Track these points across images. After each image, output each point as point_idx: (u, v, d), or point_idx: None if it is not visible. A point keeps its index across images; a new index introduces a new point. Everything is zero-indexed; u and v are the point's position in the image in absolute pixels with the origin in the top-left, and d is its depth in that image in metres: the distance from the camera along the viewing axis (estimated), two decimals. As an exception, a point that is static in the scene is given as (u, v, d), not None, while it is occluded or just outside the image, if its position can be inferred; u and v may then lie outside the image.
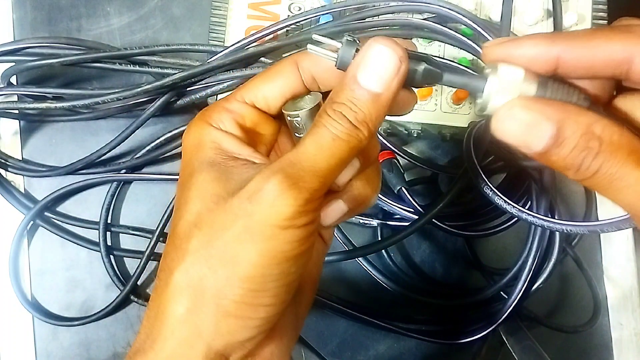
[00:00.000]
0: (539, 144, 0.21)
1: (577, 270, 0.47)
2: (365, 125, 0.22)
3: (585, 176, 0.21)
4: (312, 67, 0.25)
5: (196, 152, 0.24)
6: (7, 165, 0.46)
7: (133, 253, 0.46)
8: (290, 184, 0.21)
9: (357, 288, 0.46)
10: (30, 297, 0.46)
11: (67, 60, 0.42)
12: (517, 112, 0.21)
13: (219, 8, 0.44)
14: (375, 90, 0.22)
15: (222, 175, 0.23)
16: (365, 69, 0.22)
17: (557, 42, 0.21)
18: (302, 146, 0.22)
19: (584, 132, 0.20)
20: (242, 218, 0.21)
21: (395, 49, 0.22)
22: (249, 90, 0.26)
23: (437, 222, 0.42)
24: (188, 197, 0.23)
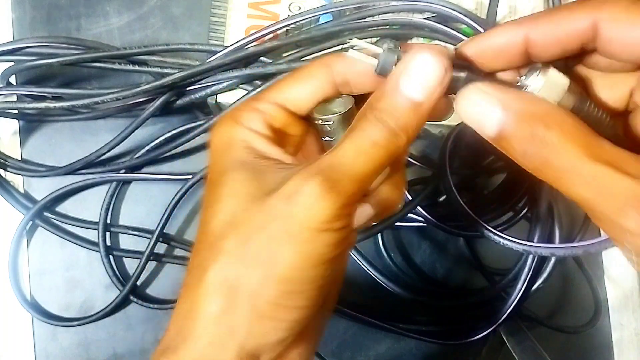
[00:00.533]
0: (491, 128, 0.21)
1: (578, 270, 0.47)
2: (405, 132, 0.22)
3: (534, 165, 0.20)
4: (346, 70, 0.25)
5: (226, 150, 0.24)
6: (6, 165, 0.46)
7: (132, 253, 0.46)
8: (329, 187, 0.21)
9: (357, 288, 0.46)
10: (30, 297, 0.46)
11: (67, 60, 0.41)
12: (471, 94, 0.21)
13: (219, 7, 0.44)
14: (417, 99, 0.22)
15: (256, 175, 0.23)
16: (408, 77, 0.22)
17: (523, 25, 0.22)
18: (340, 150, 0.22)
19: (531, 117, 0.20)
20: (280, 219, 0.21)
21: (441, 60, 0.22)
22: (280, 92, 0.25)
23: (438, 222, 0.42)
24: (220, 196, 0.23)
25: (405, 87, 0.22)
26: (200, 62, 0.41)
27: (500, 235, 0.37)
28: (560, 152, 0.19)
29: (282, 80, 0.26)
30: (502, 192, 0.43)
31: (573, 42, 0.21)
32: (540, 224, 0.40)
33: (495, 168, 0.44)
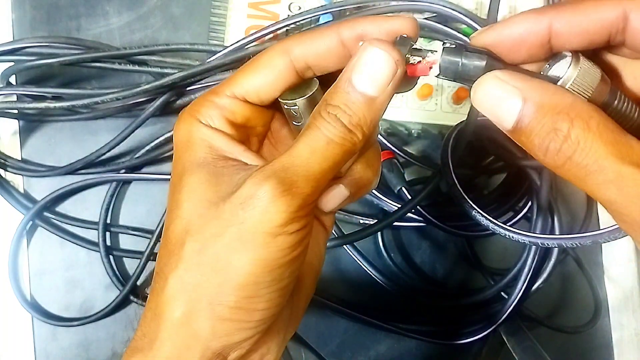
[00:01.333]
0: (508, 120, 0.20)
1: (578, 271, 0.47)
2: (359, 128, 0.21)
3: (555, 163, 0.19)
4: (304, 53, 0.24)
5: (185, 150, 0.24)
6: (7, 165, 0.46)
7: (132, 253, 0.46)
8: (282, 190, 0.20)
9: (358, 288, 0.46)
10: (30, 298, 0.46)
11: (66, 60, 0.42)
12: (489, 84, 0.20)
13: (219, 7, 0.44)
14: (370, 94, 0.21)
15: (213, 178, 0.22)
16: (360, 72, 0.21)
17: (546, 13, 0.20)
18: (295, 150, 0.21)
19: (553, 111, 0.19)
20: (234, 225, 0.21)
21: (391, 53, 0.21)
22: (238, 84, 0.24)
23: (438, 222, 0.42)
24: (179, 200, 0.22)
25: (357, 82, 0.21)
26: (200, 62, 0.41)
27: (507, 228, 0.37)
28: (586, 151, 0.18)
29: (240, 71, 0.25)
30: (502, 192, 0.43)
31: (600, 34, 0.20)
32: (540, 223, 0.40)
33: (495, 168, 0.44)
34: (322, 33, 0.24)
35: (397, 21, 0.23)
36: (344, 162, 0.22)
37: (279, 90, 0.24)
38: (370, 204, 0.44)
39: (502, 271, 0.44)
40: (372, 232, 0.43)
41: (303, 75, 0.24)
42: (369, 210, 0.45)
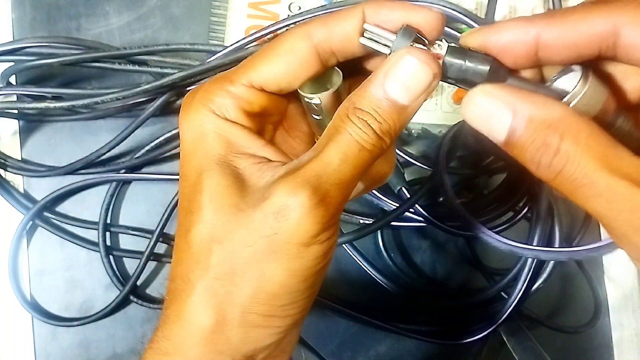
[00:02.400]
0: (499, 133, 0.20)
1: (578, 271, 0.47)
2: (388, 135, 0.21)
3: (547, 176, 0.19)
4: (328, 37, 0.22)
5: (199, 143, 0.22)
6: (7, 165, 0.46)
7: (132, 253, 0.46)
8: (318, 201, 0.20)
9: (357, 288, 0.46)
10: (30, 298, 0.46)
11: (67, 60, 0.41)
12: (478, 98, 0.20)
13: (219, 7, 0.44)
14: (403, 102, 0.21)
15: (237, 180, 0.21)
16: (394, 79, 0.21)
17: (535, 23, 0.20)
18: (326, 156, 0.21)
19: (542, 124, 0.19)
20: (266, 236, 0.20)
21: (430, 65, 0.20)
22: (256, 71, 0.23)
23: (438, 222, 0.41)
24: (201, 203, 0.22)
25: (391, 89, 0.21)
26: (200, 62, 0.41)
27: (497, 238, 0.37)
28: (575, 164, 0.18)
29: (257, 56, 0.23)
30: (502, 192, 0.43)
31: (590, 47, 0.20)
32: (540, 224, 0.40)
33: (495, 168, 0.44)
34: (347, 15, 0.22)
35: (421, 13, 0.21)
36: (369, 167, 0.22)
37: (300, 79, 0.23)
38: (370, 204, 0.44)
39: (502, 271, 0.44)
40: (371, 231, 0.43)
41: (326, 62, 0.23)
42: (369, 210, 0.45)
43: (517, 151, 0.19)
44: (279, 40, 0.23)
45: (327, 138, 0.21)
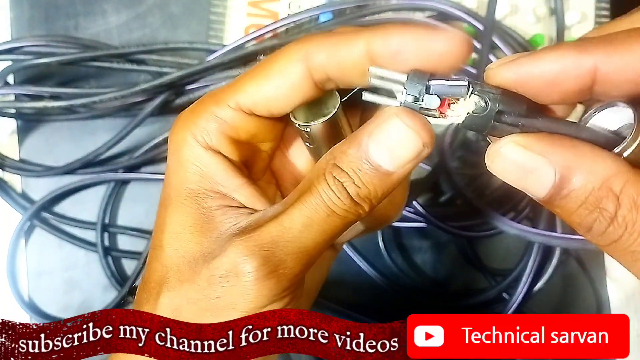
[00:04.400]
0: (539, 191, 0.17)
1: (580, 271, 0.46)
2: (367, 202, 0.19)
3: (599, 242, 0.16)
4: (325, 63, 0.19)
5: (175, 173, 0.21)
6: (4, 165, 0.46)
7: (131, 254, 0.45)
8: (268, 272, 0.18)
9: (358, 289, 0.45)
10: (28, 298, 0.45)
11: (65, 59, 0.41)
12: (511, 152, 0.17)
13: (218, 6, 0.44)
14: (387, 168, 0.18)
15: (199, 223, 0.20)
16: (378, 141, 0.18)
17: (590, 51, 0.16)
18: (288, 219, 0.18)
19: (596, 185, 0.16)
20: (208, 298, 0.19)
21: (420, 133, 0.18)
22: (245, 92, 0.20)
23: (439, 223, 0.41)
24: (161, 240, 0.21)
25: (375, 153, 0.18)
26: (199, 61, 0.41)
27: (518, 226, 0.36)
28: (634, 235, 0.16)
29: (247, 76, 0.21)
30: (503, 193, 0.43)
31: None
32: (542, 224, 0.40)
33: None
34: (349, 40, 0.19)
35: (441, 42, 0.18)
36: (342, 233, 0.19)
37: (293, 104, 0.21)
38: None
39: (504, 272, 0.44)
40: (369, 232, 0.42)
41: (322, 87, 0.20)
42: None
43: (560, 210, 0.17)
44: (272, 59, 0.21)
45: (297, 194, 0.19)
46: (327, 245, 0.19)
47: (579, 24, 0.43)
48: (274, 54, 0.21)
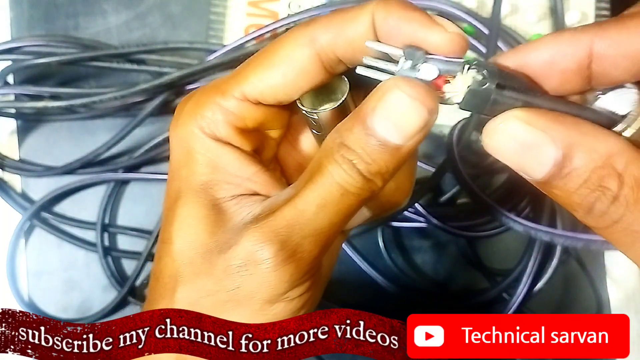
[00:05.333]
0: (538, 170, 0.16)
1: (580, 272, 0.46)
2: (380, 177, 0.18)
3: (598, 224, 0.16)
4: (333, 43, 0.19)
5: (185, 165, 0.20)
6: (4, 165, 0.46)
7: (131, 254, 0.45)
8: (286, 257, 0.18)
9: (357, 289, 0.45)
10: (27, 298, 0.45)
11: (65, 59, 0.41)
12: (513, 127, 0.16)
13: (218, 6, 0.44)
14: (395, 142, 0.17)
15: (211, 214, 0.20)
16: (383, 117, 0.17)
17: (586, 32, 0.16)
18: (301, 200, 0.18)
19: (599, 164, 0.15)
20: (228, 289, 0.19)
21: (424, 102, 0.17)
22: (250, 82, 0.20)
23: (439, 223, 0.41)
24: (170, 234, 0.20)
25: (380, 128, 0.17)
26: (199, 61, 0.41)
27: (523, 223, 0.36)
28: (636, 214, 0.15)
29: (251, 63, 0.20)
30: (504, 193, 0.43)
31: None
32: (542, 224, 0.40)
33: (497, 168, 0.43)
34: (355, 15, 0.19)
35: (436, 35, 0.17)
36: (358, 210, 0.19)
37: (300, 90, 0.20)
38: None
39: (504, 272, 0.44)
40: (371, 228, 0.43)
41: (332, 70, 0.20)
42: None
43: (559, 192, 0.16)
44: (276, 45, 0.20)
45: (308, 175, 0.19)
46: (343, 225, 0.19)
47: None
48: (278, 39, 0.20)
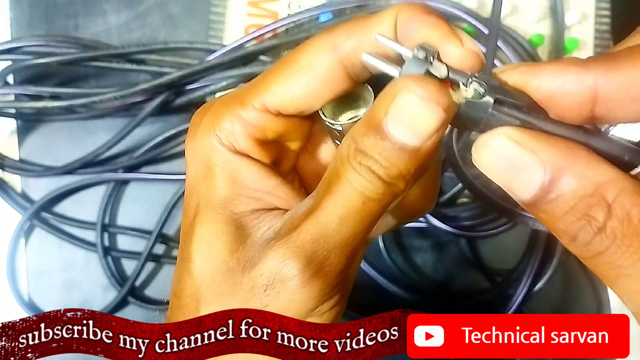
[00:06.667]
0: (525, 192, 0.16)
1: (580, 271, 0.46)
2: (401, 179, 0.17)
3: (582, 254, 0.15)
4: (357, 49, 0.18)
5: (204, 180, 0.20)
6: (4, 165, 0.45)
7: (131, 254, 0.45)
8: (313, 272, 0.17)
9: (357, 289, 0.45)
10: (27, 298, 0.45)
11: (64, 59, 0.41)
12: (501, 145, 0.16)
13: (218, 6, 0.44)
14: (413, 144, 0.17)
15: (231, 231, 0.19)
16: (397, 119, 0.16)
17: (590, 68, 0.15)
18: (324, 214, 0.17)
19: (587, 192, 0.15)
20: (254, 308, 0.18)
21: (439, 101, 0.16)
22: (271, 92, 0.19)
23: (439, 223, 0.41)
24: (190, 253, 0.20)
25: (395, 131, 0.17)
26: (199, 61, 0.41)
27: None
28: (622, 249, 0.14)
29: (272, 73, 0.20)
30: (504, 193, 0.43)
31: None
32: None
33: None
34: (377, 20, 0.18)
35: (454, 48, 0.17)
36: (382, 214, 0.18)
37: (323, 100, 0.19)
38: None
39: (504, 272, 0.44)
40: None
41: (356, 77, 0.19)
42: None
43: (544, 216, 0.16)
44: (298, 52, 0.19)
45: (326, 186, 0.18)
46: (368, 233, 0.18)
47: (579, 24, 0.43)
48: (300, 47, 0.19)
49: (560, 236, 0.16)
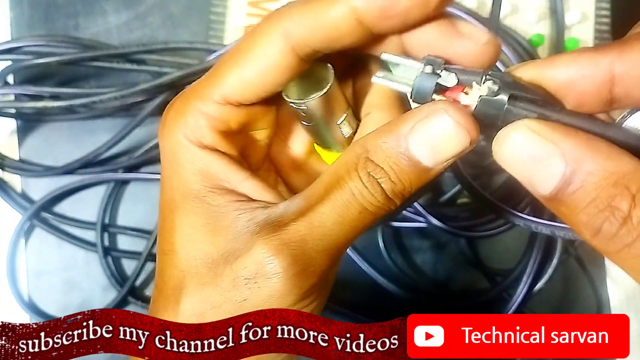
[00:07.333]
0: (545, 185, 0.15)
1: (580, 271, 0.46)
2: (400, 197, 0.18)
3: (607, 248, 0.15)
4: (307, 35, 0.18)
5: (175, 174, 0.20)
6: (4, 165, 0.45)
7: (131, 254, 0.45)
8: (297, 271, 0.18)
9: (357, 289, 0.45)
10: (27, 298, 0.45)
11: (65, 59, 0.41)
12: (524, 136, 0.16)
13: (218, 6, 0.44)
14: (426, 164, 0.17)
15: (210, 221, 0.19)
16: (422, 137, 0.17)
17: (605, 52, 0.16)
18: (318, 217, 0.18)
19: (609, 182, 0.14)
20: (236, 302, 0.18)
21: (470, 130, 0.16)
22: (227, 83, 0.19)
23: (439, 223, 0.41)
24: (173, 246, 0.20)
25: (416, 148, 0.17)
26: (199, 61, 0.41)
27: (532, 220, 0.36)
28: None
29: (225, 63, 0.19)
30: (504, 193, 0.43)
31: None
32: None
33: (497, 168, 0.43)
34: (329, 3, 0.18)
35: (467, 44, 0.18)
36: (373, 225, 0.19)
37: (280, 84, 0.19)
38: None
39: (504, 272, 0.44)
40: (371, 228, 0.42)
41: (309, 58, 0.19)
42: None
43: (565, 209, 0.15)
44: (249, 41, 0.19)
45: (323, 189, 0.18)
46: (356, 238, 0.19)
47: (579, 24, 0.43)
48: (250, 34, 0.19)
49: (582, 231, 0.15)
